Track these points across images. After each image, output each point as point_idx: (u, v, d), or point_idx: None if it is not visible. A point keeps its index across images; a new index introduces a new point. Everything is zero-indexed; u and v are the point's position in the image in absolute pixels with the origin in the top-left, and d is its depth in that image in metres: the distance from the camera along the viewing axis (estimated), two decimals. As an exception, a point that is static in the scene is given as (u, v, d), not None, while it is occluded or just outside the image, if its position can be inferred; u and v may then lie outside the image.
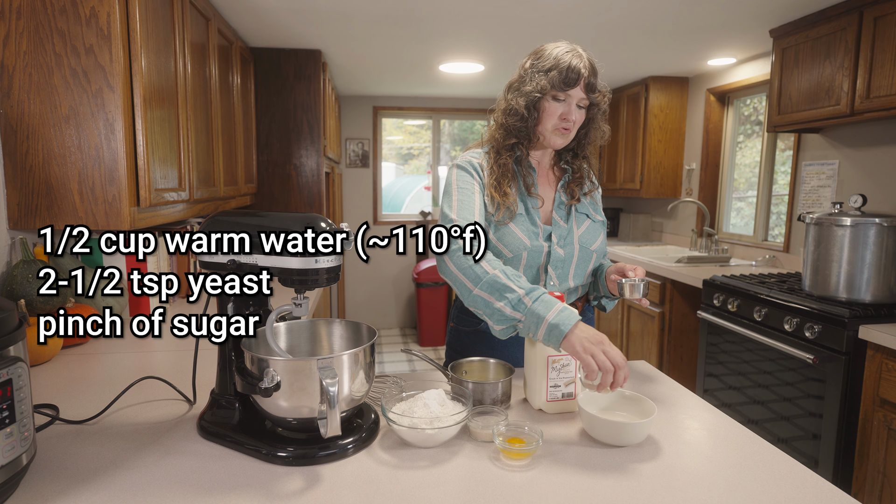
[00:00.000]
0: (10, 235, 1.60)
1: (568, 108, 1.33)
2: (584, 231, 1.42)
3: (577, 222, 1.42)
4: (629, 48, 3.31)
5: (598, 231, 1.45)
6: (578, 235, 1.41)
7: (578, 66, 1.30)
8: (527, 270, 1.37)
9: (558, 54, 1.32)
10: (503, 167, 1.37)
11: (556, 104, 1.33)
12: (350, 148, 5.20)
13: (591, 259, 1.44)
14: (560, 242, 1.38)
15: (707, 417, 1.17)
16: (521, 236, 1.35)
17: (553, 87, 1.31)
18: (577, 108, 1.34)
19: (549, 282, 1.38)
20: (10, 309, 0.85)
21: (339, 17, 2.72)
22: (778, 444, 2.37)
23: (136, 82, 1.59)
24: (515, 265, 1.36)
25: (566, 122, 1.34)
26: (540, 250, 1.36)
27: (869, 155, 2.71)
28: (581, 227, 1.42)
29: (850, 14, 2.39)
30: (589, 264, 1.44)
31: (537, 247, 1.36)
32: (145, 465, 0.94)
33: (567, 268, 1.39)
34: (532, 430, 1.01)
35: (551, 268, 1.37)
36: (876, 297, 2.17)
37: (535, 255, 1.36)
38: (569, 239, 1.39)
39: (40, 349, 1.44)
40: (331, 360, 0.94)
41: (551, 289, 1.38)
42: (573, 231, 1.40)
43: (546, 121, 1.35)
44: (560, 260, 1.38)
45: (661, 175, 4.22)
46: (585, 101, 1.34)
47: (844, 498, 0.87)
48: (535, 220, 1.38)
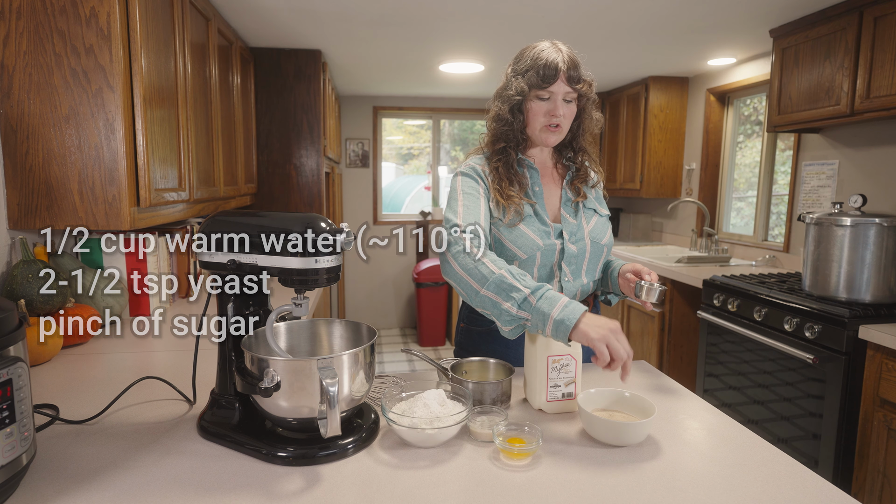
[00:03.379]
0: (10, 235, 1.60)
1: (553, 105, 1.33)
2: (594, 226, 1.43)
3: (585, 218, 1.43)
4: (629, 48, 3.31)
5: (606, 225, 1.46)
6: (588, 231, 1.41)
7: (556, 61, 1.29)
8: (541, 270, 1.37)
9: (534, 53, 1.32)
10: (502, 171, 1.38)
11: (540, 103, 1.33)
12: (350, 148, 5.20)
13: (603, 253, 1.44)
14: (572, 239, 1.38)
15: (707, 417, 1.17)
16: (533, 237, 1.36)
17: (532, 86, 1.32)
18: (565, 102, 1.33)
19: (564, 278, 1.38)
20: (10, 309, 0.85)
21: (339, 17, 2.72)
22: (778, 444, 2.37)
23: (136, 82, 1.59)
24: (530, 266, 1.36)
25: (553, 118, 1.33)
26: (553, 249, 1.37)
27: (869, 155, 2.71)
28: (590, 222, 1.43)
29: (850, 14, 2.39)
30: (600, 259, 1.44)
31: (550, 245, 1.36)
32: (145, 465, 0.94)
33: (580, 263, 1.40)
34: (532, 430, 1.01)
35: (565, 264, 1.38)
36: (876, 297, 2.17)
37: (548, 254, 1.36)
38: (579, 235, 1.40)
39: (40, 349, 1.44)
40: (331, 360, 0.94)
41: (566, 284, 1.39)
42: (583, 227, 1.41)
43: (533, 121, 1.36)
44: (573, 256, 1.38)
45: (661, 175, 4.21)
46: (572, 94, 1.33)
47: (844, 498, 0.87)
48: (545, 219, 1.38)
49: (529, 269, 1.37)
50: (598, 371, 1.42)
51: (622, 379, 1.08)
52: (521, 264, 1.36)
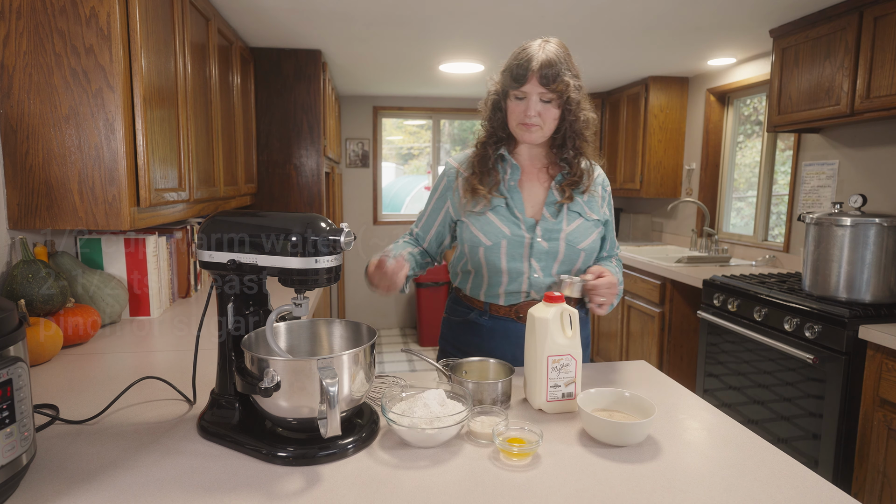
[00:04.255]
0: (10, 235, 1.60)
1: (527, 105, 1.33)
2: (574, 229, 1.41)
3: (567, 220, 1.41)
4: (629, 48, 3.31)
5: (589, 230, 1.43)
6: (566, 233, 1.40)
7: (528, 62, 1.29)
8: (509, 260, 1.40)
9: (516, 52, 1.34)
10: (476, 166, 1.44)
11: (517, 102, 1.35)
12: (350, 148, 5.20)
13: (579, 257, 1.43)
14: (545, 236, 1.39)
15: (707, 417, 1.17)
16: (500, 225, 1.39)
17: (507, 86, 1.35)
18: (542, 102, 1.32)
19: (534, 273, 1.40)
20: (10, 309, 0.85)
21: (339, 17, 2.72)
22: (778, 444, 2.37)
23: (136, 82, 1.59)
24: (496, 253, 1.40)
25: (526, 118, 1.34)
26: (521, 240, 1.39)
27: (869, 155, 2.71)
28: (571, 224, 1.41)
29: (850, 14, 2.39)
30: (576, 262, 1.43)
31: (518, 236, 1.39)
32: (145, 465, 0.94)
33: (551, 262, 1.41)
34: (532, 430, 1.01)
35: (535, 260, 1.40)
36: (876, 297, 2.17)
37: (514, 244, 1.39)
38: (555, 234, 1.40)
39: (40, 349, 1.44)
40: (331, 360, 0.94)
41: (535, 280, 1.41)
42: (562, 228, 1.40)
43: (510, 119, 1.39)
44: (544, 252, 1.39)
45: (661, 175, 4.22)
46: (547, 95, 1.31)
47: (844, 498, 0.87)
48: (516, 212, 1.40)
49: (496, 257, 1.40)
50: (598, 371, 1.43)
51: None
52: (486, 251, 1.40)
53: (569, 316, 1.17)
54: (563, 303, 1.16)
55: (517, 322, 1.44)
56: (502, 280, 1.42)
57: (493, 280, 1.43)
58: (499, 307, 1.45)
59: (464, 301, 1.53)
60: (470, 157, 1.47)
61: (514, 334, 1.44)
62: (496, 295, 1.44)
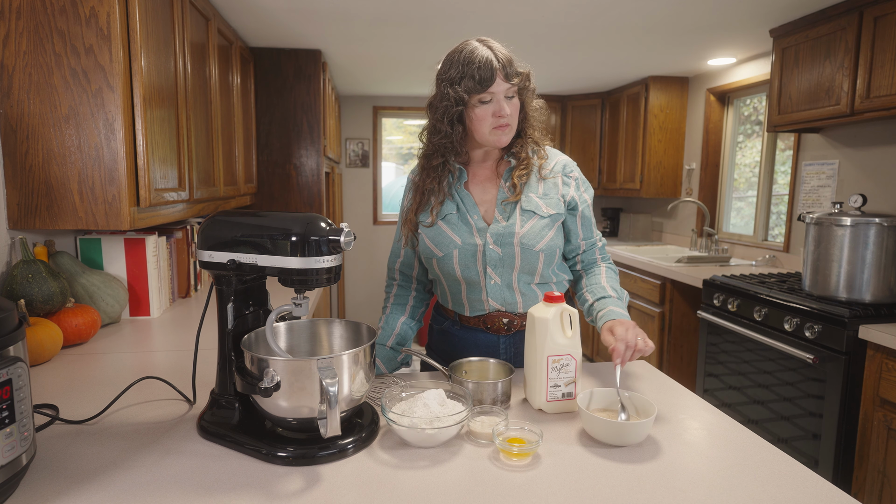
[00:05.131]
0: (10, 235, 1.60)
1: (497, 105, 1.27)
2: (528, 231, 1.32)
3: (520, 221, 1.32)
4: (629, 48, 3.31)
5: (545, 229, 1.33)
6: (520, 235, 1.31)
7: (490, 61, 1.24)
8: (463, 270, 1.35)
9: (464, 57, 1.25)
10: (429, 184, 1.36)
11: (484, 107, 1.27)
12: (350, 148, 5.20)
13: (539, 260, 1.34)
14: (498, 241, 1.32)
15: (707, 417, 1.17)
16: (451, 234, 1.34)
17: (471, 92, 1.25)
18: (507, 99, 1.28)
19: (490, 281, 1.34)
20: (10, 309, 0.85)
21: (339, 17, 2.72)
22: (778, 444, 2.37)
23: (136, 82, 1.59)
24: (448, 263, 1.35)
25: (501, 118, 1.27)
26: (473, 248, 1.32)
27: (869, 155, 2.71)
28: (525, 226, 1.32)
29: (850, 14, 2.39)
30: (536, 265, 1.34)
31: (470, 244, 1.33)
32: (145, 465, 0.94)
33: (509, 269, 1.33)
34: (532, 430, 1.01)
35: (489, 267, 1.33)
36: (876, 297, 2.17)
37: (466, 252, 1.33)
38: (508, 238, 1.32)
39: (40, 349, 1.44)
40: (331, 360, 0.94)
41: (491, 287, 1.35)
42: (514, 231, 1.32)
43: (480, 127, 1.29)
44: (498, 259, 1.32)
45: (661, 175, 4.22)
46: (512, 90, 1.28)
47: (844, 498, 0.87)
48: (468, 218, 1.34)
49: (450, 268, 1.35)
50: (598, 371, 1.43)
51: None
52: (439, 262, 1.35)
53: (569, 316, 1.17)
54: (562, 303, 1.16)
55: (487, 333, 1.40)
56: (461, 289, 1.38)
57: (454, 289, 1.40)
58: (468, 318, 1.41)
59: (441, 309, 1.51)
60: (423, 177, 1.38)
61: (484, 344, 1.41)
62: (461, 304, 1.41)
